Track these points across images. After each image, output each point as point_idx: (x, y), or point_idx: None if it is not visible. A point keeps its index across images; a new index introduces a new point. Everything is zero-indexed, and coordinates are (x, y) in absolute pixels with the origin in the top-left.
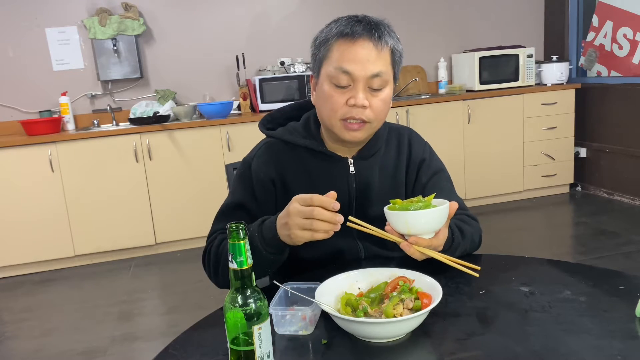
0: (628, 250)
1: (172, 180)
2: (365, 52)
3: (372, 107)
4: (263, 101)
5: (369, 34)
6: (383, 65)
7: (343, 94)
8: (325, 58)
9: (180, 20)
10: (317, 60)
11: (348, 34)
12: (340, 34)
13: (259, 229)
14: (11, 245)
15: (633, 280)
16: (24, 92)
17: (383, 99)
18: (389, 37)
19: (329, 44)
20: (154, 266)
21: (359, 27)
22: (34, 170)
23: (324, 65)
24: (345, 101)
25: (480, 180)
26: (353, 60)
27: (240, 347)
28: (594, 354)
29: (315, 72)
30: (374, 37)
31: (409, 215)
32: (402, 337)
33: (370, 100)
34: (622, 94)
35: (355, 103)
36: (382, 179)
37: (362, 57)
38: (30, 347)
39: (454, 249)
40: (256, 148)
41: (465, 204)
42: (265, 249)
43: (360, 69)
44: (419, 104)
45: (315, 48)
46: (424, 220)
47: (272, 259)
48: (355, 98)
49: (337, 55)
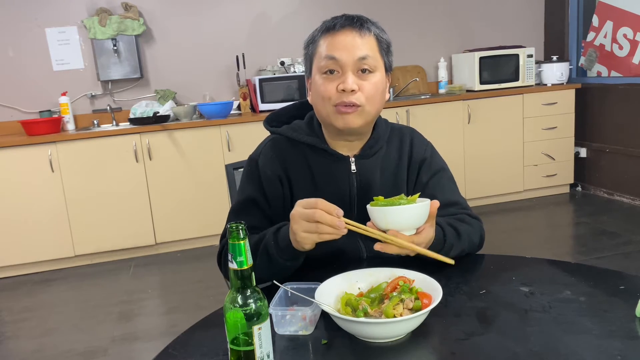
0: (628, 250)
1: (172, 180)
2: (349, 39)
3: (362, 90)
4: (263, 101)
5: (351, 22)
6: (369, 49)
7: (333, 81)
8: (314, 54)
9: (180, 20)
10: (308, 59)
11: (331, 27)
12: (325, 30)
13: (274, 237)
14: (11, 245)
15: (633, 280)
16: (24, 92)
17: (374, 83)
18: (371, 26)
19: (316, 41)
20: (154, 266)
21: (340, 20)
22: (34, 170)
23: (314, 61)
24: (336, 88)
25: (480, 180)
26: (338, 47)
27: (240, 347)
28: (594, 354)
29: (307, 72)
30: (356, 26)
31: (387, 211)
32: (402, 337)
33: (360, 84)
34: (622, 94)
35: (344, 87)
36: (384, 178)
37: (346, 43)
38: (30, 347)
39: (447, 249)
40: (261, 145)
41: (467, 204)
42: (280, 257)
43: (346, 54)
44: (419, 104)
45: (305, 49)
46: (404, 216)
47: (289, 265)
48: (345, 82)
49: (323, 47)
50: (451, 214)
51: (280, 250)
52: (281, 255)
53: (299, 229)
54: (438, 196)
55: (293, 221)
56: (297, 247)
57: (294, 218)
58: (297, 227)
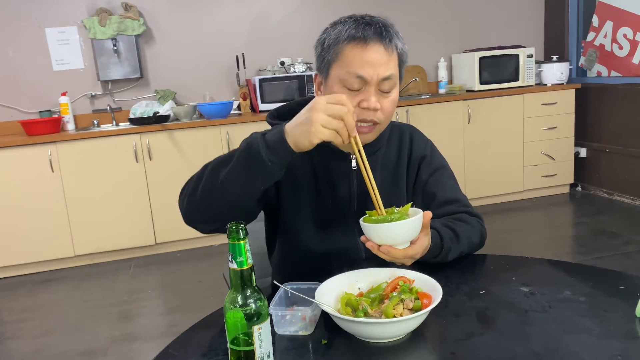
0: (628, 250)
1: (172, 180)
2: (378, 56)
3: (382, 109)
4: (263, 101)
5: (380, 37)
6: (393, 67)
7: (355, 96)
8: (335, 60)
9: (180, 20)
10: (326, 62)
11: (360, 38)
12: (351, 38)
13: (261, 134)
14: (11, 245)
15: (633, 280)
16: (24, 92)
17: (392, 100)
18: (397, 40)
19: (339, 47)
20: (154, 266)
21: (369, 30)
22: (34, 170)
23: (334, 67)
24: (357, 104)
25: (480, 180)
26: (366, 64)
27: (240, 347)
28: (594, 354)
29: (323, 72)
30: (385, 41)
31: (379, 228)
32: (402, 337)
33: (381, 102)
34: (622, 94)
35: (368, 106)
36: (384, 175)
37: (374, 61)
38: (30, 347)
39: (445, 253)
40: None
41: (468, 201)
42: (269, 157)
43: (373, 73)
44: (419, 104)
45: (324, 50)
46: (396, 232)
47: (270, 169)
48: (368, 101)
49: (349, 59)
50: (451, 212)
51: (270, 149)
52: (270, 155)
53: (318, 119)
54: (438, 194)
55: (315, 110)
56: (301, 140)
57: (316, 107)
58: (317, 116)
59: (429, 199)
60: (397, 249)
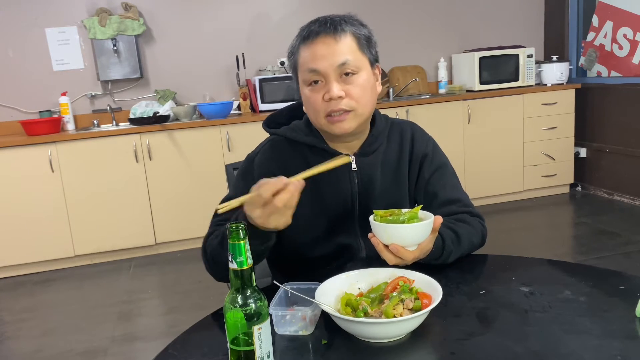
0: (628, 250)
1: (172, 180)
2: (325, 47)
3: (350, 95)
4: (263, 101)
5: (324, 28)
6: (348, 52)
7: (319, 92)
8: (297, 66)
9: (180, 20)
10: (293, 70)
11: (307, 37)
12: (302, 40)
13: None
14: (11, 245)
15: (633, 280)
16: (24, 92)
17: (360, 84)
18: (345, 25)
19: (296, 53)
20: (154, 266)
21: (315, 26)
22: (34, 170)
23: (298, 72)
24: (322, 97)
25: (480, 180)
26: (316, 57)
27: (240, 347)
28: (594, 354)
29: (295, 80)
30: (330, 30)
31: (389, 228)
32: (402, 337)
33: (346, 88)
34: (622, 94)
35: (330, 96)
36: (385, 174)
37: (323, 53)
38: (30, 347)
39: (446, 257)
40: (261, 145)
41: (469, 200)
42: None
43: (325, 63)
44: (419, 104)
45: (289, 60)
46: (405, 234)
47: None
48: (329, 92)
49: (303, 59)
50: (452, 212)
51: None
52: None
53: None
54: (440, 193)
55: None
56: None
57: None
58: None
59: (431, 198)
60: (407, 250)
